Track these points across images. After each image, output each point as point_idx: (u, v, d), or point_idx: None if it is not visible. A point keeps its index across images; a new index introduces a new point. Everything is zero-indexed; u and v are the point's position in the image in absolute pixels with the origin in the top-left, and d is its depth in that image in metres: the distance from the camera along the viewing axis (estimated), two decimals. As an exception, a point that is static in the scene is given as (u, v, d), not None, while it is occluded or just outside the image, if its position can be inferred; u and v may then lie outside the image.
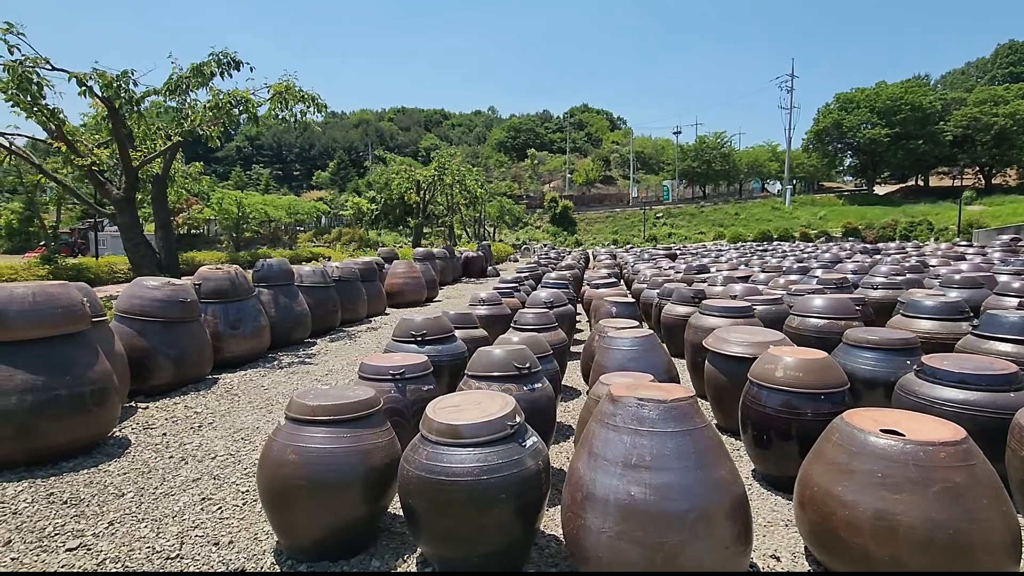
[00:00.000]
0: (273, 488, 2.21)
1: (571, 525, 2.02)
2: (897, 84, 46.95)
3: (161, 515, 2.68)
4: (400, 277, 11.05)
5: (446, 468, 2.02)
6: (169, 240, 7.88)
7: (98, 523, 2.60)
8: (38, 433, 3.12)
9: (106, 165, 7.28)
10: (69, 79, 5.50)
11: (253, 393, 4.82)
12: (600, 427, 2.06)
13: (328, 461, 2.18)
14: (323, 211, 36.11)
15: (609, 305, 5.92)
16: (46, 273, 16.72)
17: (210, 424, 4.00)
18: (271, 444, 2.29)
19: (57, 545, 2.41)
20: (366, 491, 2.24)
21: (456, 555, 2.08)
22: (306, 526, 2.22)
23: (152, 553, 2.35)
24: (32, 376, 3.14)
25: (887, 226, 33.35)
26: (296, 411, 2.30)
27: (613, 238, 45.02)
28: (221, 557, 2.33)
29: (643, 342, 3.60)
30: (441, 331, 3.85)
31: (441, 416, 2.17)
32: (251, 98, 6.31)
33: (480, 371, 2.91)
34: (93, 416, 3.35)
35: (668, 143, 73.39)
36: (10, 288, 3.22)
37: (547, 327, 4.57)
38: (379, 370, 3.05)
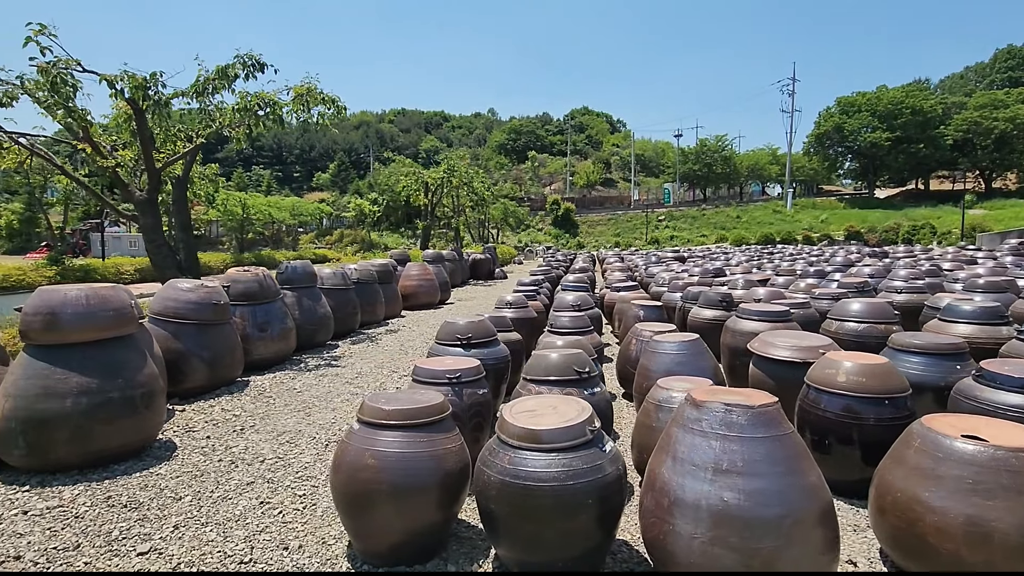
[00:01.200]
0: (351, 492, 2.20)
1: (656, 530, 2.02)
2: (898, 88, 47.15)
3: (223, 519, 2.68)
4: (414, 279, 11.05)
5: (531, 473, 2.02)
6: (189, 242, 7.87)
7: (163, 527, 2.59)
8: (92, 436, 3.11)
9: (126, 168, 7.26)
10: (100, 81, 5.49)
11: (287, 396, 4.81)
12: (684, 432, 2.07)
13: (407, 465, 2.18)
14: (326, 212, 36.05)
15: (636, 309, 5.92)
16: (54, 274, 16.71)
17: (252, 427, 4.00)
18: (346, 448, 2.28)
19: (127, 549, 2.40)
20: (441, 496, 2.23)
21: (539, 560, 2.07)
22: (384, 530, 2.21)
23: (224, 557, 2.35)
24: (86, 379, 3.13)
25: (890, 229, 33.45)
26: (371, 415, 2.29)
27: (615, 240, 45.06)
28: (294, 561, 2.32)
29: (690, 346, 3.61)
30: (486, 335, 3.84)
31: (520, 420, 2.17)
32: (279, 100, 6.31)
33: (540, 375, 2.91)
34: (143, 419, 3.35)
35: (668, 146, 73.61)
36: (64, 290, 3.22)
37: (584, 330, 4.57)
38: (435, 374, 3.05)
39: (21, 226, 43.35)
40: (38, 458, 3.03)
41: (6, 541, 2.45)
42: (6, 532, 2.52)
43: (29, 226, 43.22)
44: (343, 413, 4.33)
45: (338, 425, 4.04)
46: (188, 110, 6.74)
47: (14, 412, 2.99)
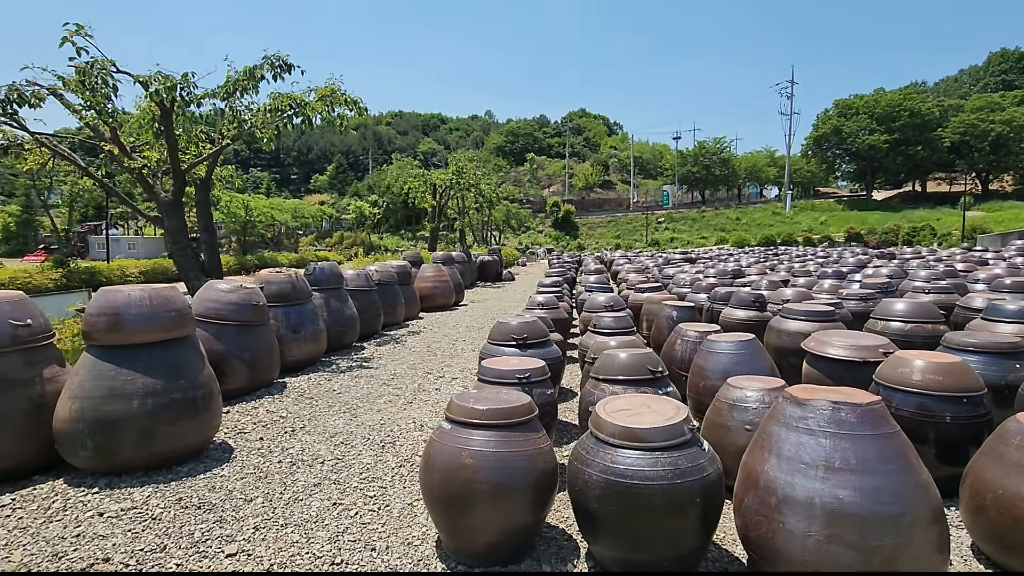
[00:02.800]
0: (448, 492, 2.19)
1: (761, 528, 2.02)
2: (895, 91, 47.56)
3: (301, 520, 2.66)
4: (429, 281, 11.03)
5: (638, 472, 2.02)
6: (213, 243, 7.84)
7: (242, 528, 2.58)
8: (157, 438, 3.09)
9: (148, 170, 7.23)
10: (135, 82, 5.47)
11: (328, 397, 4.79)
12: (787, 430, 2.07)
13: (504, 465, 2.17)
14: (328, 215, 35.97)
15: (670, 310, 5.93)
16: (59, 276, 16.61)
17: (302, 428, 3.97)
18: (438, 448, 2.27)
19: (214, 551, 2.38)
20: (536, 495, 2.23)
21: (644, 559, 2.07)
22: (481, 530, 2.21)
23: (314, 559, 2.33)
24: (151, 380, 3.11)
25: (890, 231, 33.68)
26: (464, 414, 2.28)
27: (615, 242, 45.16)
28: (385, 562, 2.31)
29: (748, 346, 3.61)
30: (540, 335, 3.84)
31: (620, 419, 2.17)
32: (309, 101, 6.29)
33: (613, 374, 2.91)
34: (203, 420, 3.32)
35: (665, 148, 73.91)
36: (127, 291, 3.20)
37: (628, 330, 4.57)
38: (503, 374, 3.04)
39: (18, 229, 43.07)
40: (105, 460, 3.01)
41: (91, 543, 2.42)
42: (86, 534, 2.50)
43: (26, 229, 42.96)
44: (389, 414, 4.31)
45: (387, 427, 4.02)
46: (212, 111, 6.70)
47: (81, 414, 2.97)
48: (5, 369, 3.03)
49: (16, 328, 3.08)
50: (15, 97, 5.87)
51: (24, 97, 5.95)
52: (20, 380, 3.08)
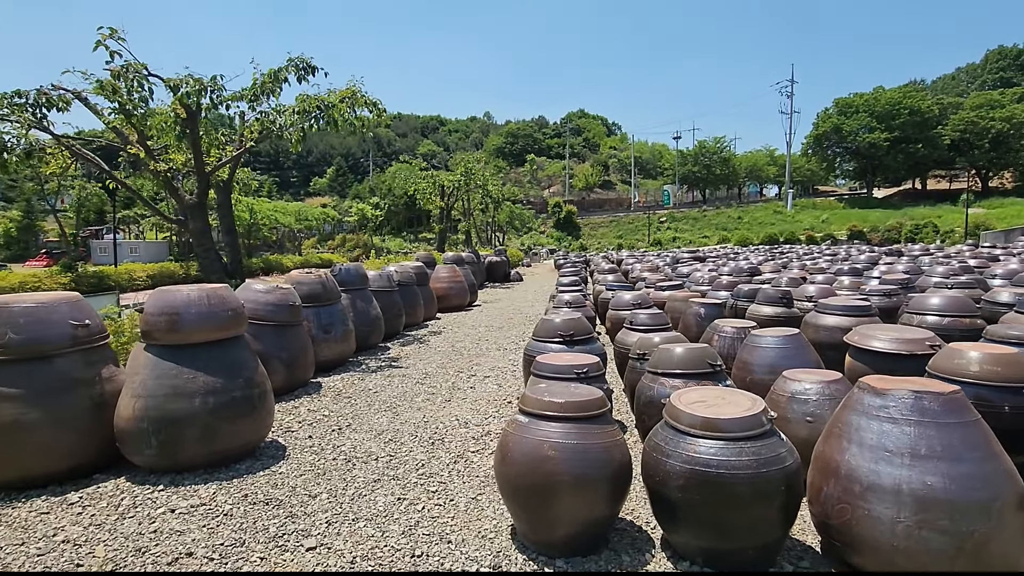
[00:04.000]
0: (530, 484, 2.22)
1: (845, 516, 2.06)
2: (895, 89, 47.71)
3: (371, 515, 2.69)
4: (444, 281, 11.06)
5: (723, 461, 2.05)
6: (235, 245, 7.87)
7: (315, 523, 2.60)
8: (218, 435, 3.12)
9: (173, 173, 7.27)
10: (165, 86, 5.50)
11: (365, 397, 4.82)
12: (867, 419, 2.10)
13: (586, 456, 2.21)
14: (332, 217, 36.00)
15: (697, 307, 5.97)
16: (68, 280, 16.59)
17: (348, 427, 4.00)
18: (516, 440, 2.30)
19: (294, 545, 2.41)
20: (614, 487, 2.26)
21: (729, 547, 2.10)
22: (561, 521, 2.24)
23: (393, 552, 2.36)
24: (212, 378, 3.14)
25: (892, 229, 33.77)
26: (541, 407, 2.32)
27: (618, 242, 45.20)
28: (464, 554, 2.34)
29: (794, 340, 3.65)
30: (585, 331, 3.88)
31: (699, 410, 2.20)
32: (336, 103, 6.33)
33: (671, 368, 2.95)
34: (259, 418, 3.36)
35: (665, 148, 74.06)
36: (185, 291, 3.23)
37: (663, 327, 4.61)
38: (560, 368, 3.08)
39: (19, 234, 43.01)
40: (168, 458, 3.03)
41: (170, 539, 2.45)
42: (163, 530, 2.53)
43: (27, 234, 42.93)
44: (429, 412, 4.34)
45: (431, 424, 4.05)
46: (234, 114, 6.72)
47: (145, 412, 3.00)
48: (67, 369, 3.07)
49: (76, 328, 3.12)
50: (44, 101, 5.91)
51: (52, 101, 5.99)
52: (81, 380, 3.11)
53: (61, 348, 3.04)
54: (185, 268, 21.84)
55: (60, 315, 3.08)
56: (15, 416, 2.88)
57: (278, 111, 6.34)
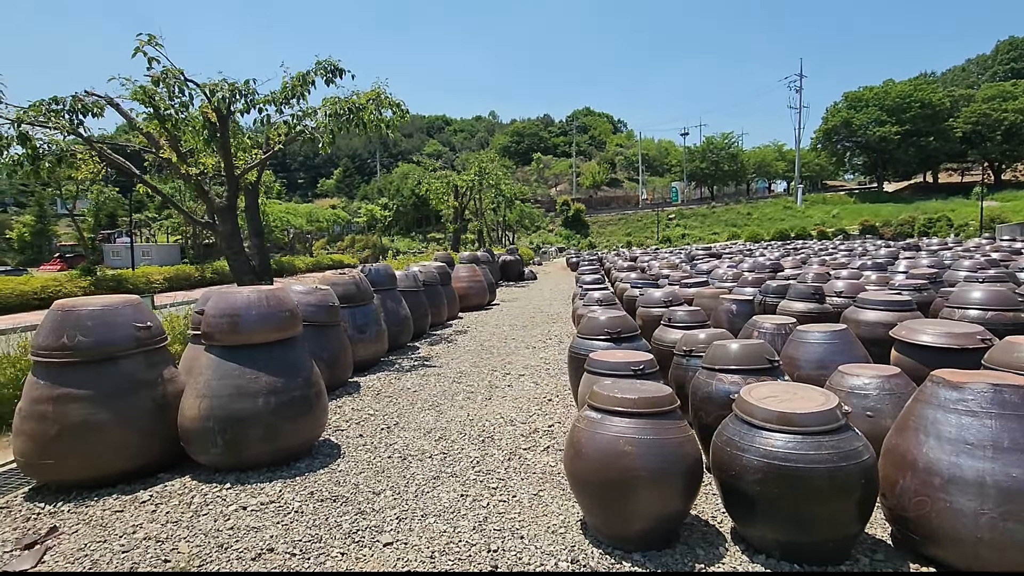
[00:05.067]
0: (606, 478, 2.25)
1: (924, 508, 2.08)
2: (906, 82, 47.32)
3: (439, 511, 2.73)
4: (464, 281, 11.11)
5: (803, 455, 2.08)
6: (262, 247, 7.94)
7: (386, 519, 2.65)
8: (280, 434, 3.17)
9: (204, 177, 7.34)
10: (200, 90, 5.57)
11: (405, 396, 4.86)
12: (944, 412, 2.13)
13: (661, 451, 2.24)
14: (343, 218, 36.18)
15: (728, 304, 5.98)
16: (88, 284, 16.81)
17: (396, 425, 4.05)
18: (590, 436, 2.34)
19: (371, 540, 2.46)
20: (688, 482, 2.29)
21: (808, 540, 2.13)
22: (637, 516, 2.27)
23: (469, 547, 2.40)
24: (273, 378, 3.19)
25: (905, 223, 33.53)
26: (614, 403, 2.35)
27: (626, 240, 45.14)
28: (539, 548, 2.37)
29: (841, 336, 3.67)
30: (631, 329, 3.91)
31: (773, 404, 2.23)
32: (367, 105, 6.38)
33: (727, 364, 2.97)
34: (316, 417, 3.41)
35: (671, 145, 73.84)
36: (245, 292, 3.28)
37: (702, 324, 4.62)
38: (614, 366, 3.11)
39: (32, 239, 43.55)
40: (233, 457, 3.09)
41: (248, 535, 2.51)
42: (240, 527, 2.58)
43: (40, 238, 43.47)
44: (472, 411, 4.39)
45: (477, 422, 4.09)
46: (261, 117, 6.77)
47: (211, 412, 3.06)
48: (131, 371, 3.13)
49: (139, 331, 3.18)
50: (79, 107, 5.99)
51: (87, 107, 6.07)
52: (145, 381, 3.17)
53: (126, 350, 3.11)
54: (201, 271, 22.05)
55: (124, 318, 3.15)
56: (85, 416, 2.94)
57: (307, 113, 6.40)
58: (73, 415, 2.93)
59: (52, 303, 3.11)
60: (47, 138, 6.32)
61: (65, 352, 2.97)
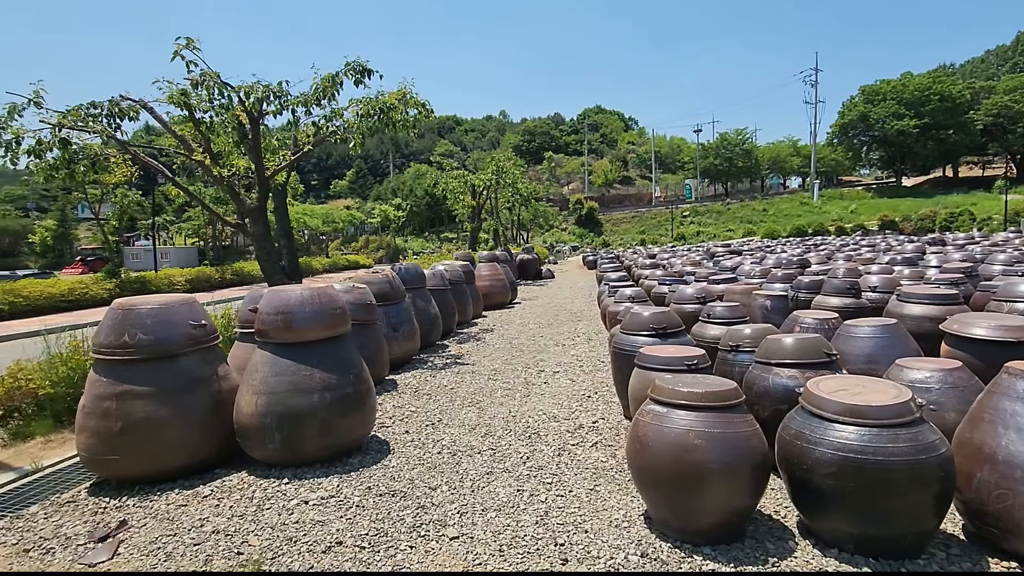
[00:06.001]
0: (677, 472, 2.25)
1: (1005, 501, 2.05)
2: (924, 74, 46.50)
3: (498, 505, 2.74)
4: (486, 280, 11.14)
5: (881, 448, 2.06)
6: (292, 247, 8.04)
7: (447, 513, 2.67)
8: (334, 430, 3.21)
9: (236, 178, 7.44)
10: (236, 93, 5.65)
11: (443, 393, 4.89)
12: (1023, 404, 2.09)
13: (731, 445, 2.23)
14: (359, 219, 36.41)
15: (762, 299, 5.94)
16: (113, 286, 17.08)
17: (440, 422, 4.08)
18: (657, 430, 2.33)
19: (436, 534, 2.48)
20: (758, 475, 2.28)
21: (887, 535, 2.11)
22: (707, 509, 2.26)
23: (535, 540, 2.41)
24: (327, 375, 3.23)
25: (925, 217, 32.99)
26: (680, 397, 2.34)
27: (640, 237, 44.92)
28: (605, 542, 2.37)
29: (892, 330, 3.62)
30: (676, 325, 3.90)
31: (846, 398, 2.21)
32: (397, 104, 6.42)
33: (784, 358, 2.95)
34: (367, 413, 3.44)
35: (683, 141, 73.35)
36: (298, 290, 3.32)
37: (742, 319, 4.59)
38: (667, 360, 3.10)
39: (54, 243, 44.41)
40: (290, 452, 3.13)
41: (315, 528, 2.54)
42: (304, 521, 2.62)
43: (61, 243, 44.32)
44: (513, 408, 4.40)
45: (520, 419, 4.10)
46: (295, 119, 6.84)
47: (268, 408, 3.10)
48: (189, 368, 3.18)
49: (194, 329, 3.23)
50: (116, 112, 6.10)
51: (123, 111, 6.18)
52: (201, 378, 3.22)
53: (183, 348, 3.16)
54: (221, 272, 22.32)
55: (181, 316, 3.20)
56: (147, 413, 3.00)
57: (337, 113, 6.46)
58: (136, 411, 2.98)
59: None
60: (80, 142, 6.44)
61: (127, 350, 3.02)
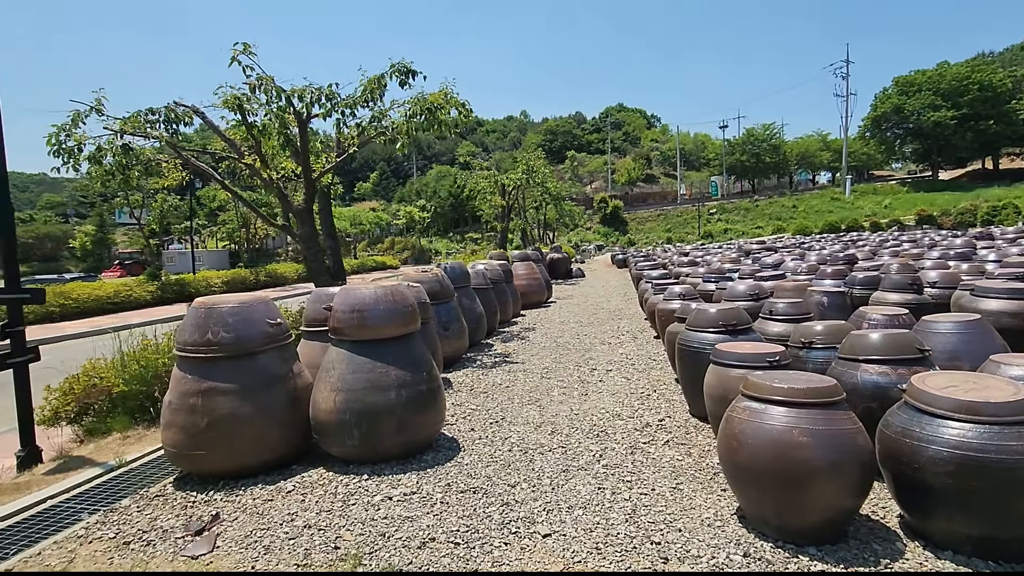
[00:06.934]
0: (781, 471, 2.20)
1: None
2: (962, 63, 44.95)
3: (583, 503, 2.72)
4: (523, 279, 11.14)
5: (1005, 447, 1.98)
6: (336, 248, 8.14)
7: (532, 510, 2.66)
8: (409, 427, 3.23)
9: (285, 180, 7.57)
10: (286, 97, 5.75)
11: (498, 391, 4.89)
12: None
13: (837, 442, 2.17)
14: (386, 220, 36.80)
15: (819, 296, 5.80)
16: (155, 288, 17.59)
17: (503, 420, 4.07)
18: (756, 427, 2.28)
19: (527, 531, 2.47)
20: (865, 473, 2.21)
21: (1010, 535, 2.03)
22: (811, 508, 2.21)
23: (628, 539, 2.38)
24: (402, 372, 3.25)
25: (965, 212, 31.86)
26: (781, 394, 2.29)
27: (667, 236, 44.41)
28: (704, 541, 2.33)
29: (977, 325, 3.49)
30: (745, 321, 3.83)
31: (961, 395, 2.13)
32: (445, 104, 6.45)
33: (870, 355, 2.86)
34: (439, 410, 3.46)
35: (707, 138, 72.31)
36: (371, 289, 3.36)
37: (806, 315, 4.49)
38: (748, 357, 3.04)
39: (93, 247, 45.99)
40: (369, 449, 3.16)
41: (406, 524, 2.55)
42: (392, 516, 2.64)
43: (100, 247, 45.90)
44: (573, 406, 4.37)
45: (584, 417, 4.08)
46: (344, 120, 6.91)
47: (347, 405, 3.13)
48: (267, 365, 3.24)
49: (271, 327, 3.29)
50: (172, 117, 6.26)
51: (179, 116, 6.34)
52: (278, 376, 3.28)
53: (262, 345, 3.22)
54: (255, 274, 22.81)
55: (259, 314, 3.26)
56: (231, 409, 3.06)
57: (383, 113, 6.51)
58: (220, 408, 3.05)
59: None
60: (136, 147, 6.62)
61: (210, 347, 3.09)
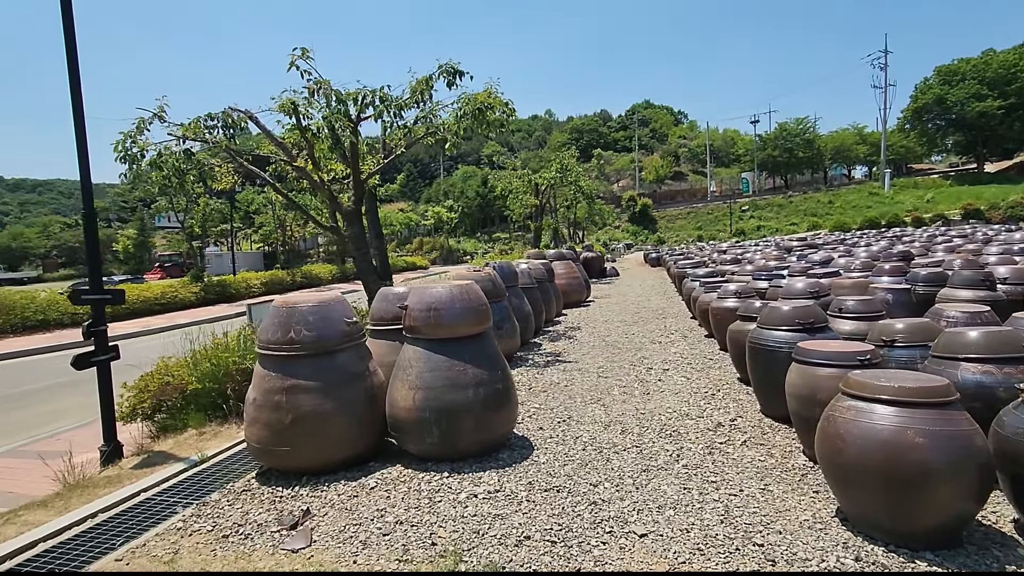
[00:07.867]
0: (894, 473, 2.12)
1: None
2: (1009, 50, 43.08)
3: (673, 503, 2.68)
4: (563, 278, 11.09)
5: None
6: (383, 248, 8.26)
7: (623, 510, 2.63)
8: (486, 425, 3.24)
9: (337, 183, 7.71)
10: (341, 100, 5.85)
11: (556, 390, 4.87)
12: None
13: (955, 443, 2.09)
14: (415, 221, 37.18)
15: (884, 293, 5.63)
16: (198, 290, 18.12)
17: (569, 419, 4.05)
18: (864, 428, 2.21)
19: (623, 531, 2.45)
20: (984, 477, 2.12)
21: None
22: (929, 512, 2.13)
23: (727, 540, 2.34)
24: (479, 370, 3.26)
25: (1016, 205, 30.52)
26: (887, 393, 2.21)
27: (697, 234, 43.75)
28: (809, 544, 2.27)
29: (1075, 322, 3.32)
30: (821, 319, 3.73)
31: (1092, 395, 2.02)
32: (495, 104, 6.47)
33: (971, 353, 2.75)
34: (513, 409, 3.46)
35: (737, 134, 70.86)
36: (445, 287, 3.38)
37: (877, 314, 4.35)
38: (837, 356, 2.95)
39: (135, 250, 47.71)
40: (448, 447, 3.18)
41: (497, 521, 2.56)
42: (481, 514, 2.64)
43: (141, 250, 47.60)
44: (637, 405, 4.32)
45: (651, 417, 4.03)
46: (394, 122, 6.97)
47: (426, 403, 3.16)
48: (345, 363, 3.28)
49: (348, 326, 3.33)
50: (230, 122, 6.42)
51: (235, 121, 6.49)
52: (356, 374, 3.32)
53: (340, 344, 3.26)
54: (292, 275, 23.30)
55: (337, 313, 3.31)
56: (314, 406, 3.11)
57: (432, 114, 6.56)
58: (304, 405, 3.10)
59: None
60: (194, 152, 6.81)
61: (292, 345, 3.15)
